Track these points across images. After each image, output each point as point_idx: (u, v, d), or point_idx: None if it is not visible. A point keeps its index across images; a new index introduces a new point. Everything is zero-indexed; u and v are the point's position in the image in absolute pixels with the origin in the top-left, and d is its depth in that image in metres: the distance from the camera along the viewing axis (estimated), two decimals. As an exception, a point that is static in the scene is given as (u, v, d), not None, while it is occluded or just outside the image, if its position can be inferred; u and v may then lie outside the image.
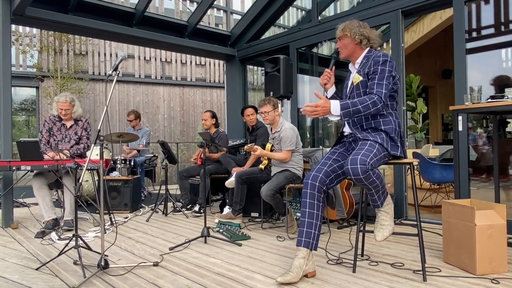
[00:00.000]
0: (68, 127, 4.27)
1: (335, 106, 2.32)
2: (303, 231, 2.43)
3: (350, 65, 2.71)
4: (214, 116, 5.21)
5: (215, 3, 6.29)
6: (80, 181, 2.77)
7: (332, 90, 2.69)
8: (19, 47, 8.10)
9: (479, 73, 4.15)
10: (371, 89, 2.43)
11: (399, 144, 2.49)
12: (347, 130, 2.65)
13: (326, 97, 2.66)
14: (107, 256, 2.78)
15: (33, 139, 3.90)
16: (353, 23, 2.59)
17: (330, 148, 2.75)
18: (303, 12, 6.54)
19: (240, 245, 3.29)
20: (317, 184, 2.44)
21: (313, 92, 6.15)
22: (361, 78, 2.52)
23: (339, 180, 2.58)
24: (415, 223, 2.50)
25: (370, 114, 2.39)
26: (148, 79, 9.42)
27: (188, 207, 4.99)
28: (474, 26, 4.14)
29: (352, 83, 2.59)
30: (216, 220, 4.12)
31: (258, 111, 4.16)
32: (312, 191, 2.44)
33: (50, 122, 4.27)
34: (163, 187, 4.88)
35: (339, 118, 2.34)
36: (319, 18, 5.34)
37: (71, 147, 4.21)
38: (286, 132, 3.83)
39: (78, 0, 4.78)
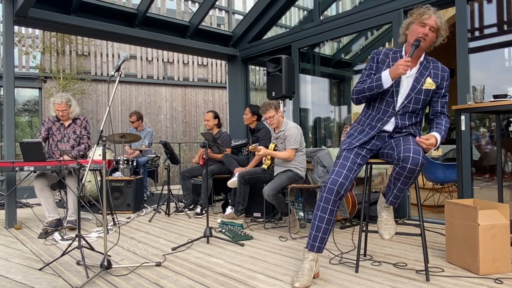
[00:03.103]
0: (66, 126, 4.30)
1: (439, 140, 2.38)
2: (318, 236, 2.38)
3: (402, 55, 2.50)
4: (216, 116, 5.22)
5: (217, 3, 6.30)
6: (83, 181, 2.77)
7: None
8: (21, 48, 8.13)
9: (482, 72, 4.13)
10: (443, 108, 2.52)
11: None
12: (389, 128, 2.46)
13: (381, 86, 2.37)
14: (110, 256, 2.79)
15: (36, 139, 3.91)
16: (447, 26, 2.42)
17: (346, 138, 2.56)
18: (305, 12, 6.53)
19: (242, 245, 3.29)
20: (342, 192, 2.36)
21: (315, 91, 6.16)
22: (434, 86, 2.44)
23: None
24: (418, 223, 2.49)
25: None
26: (150, 79, 9.44)
27: (191, 207, 5.00)
28: (476, 25, 4.13)
29: (422, 84, 2.43)
30: (219, 220, 4.12)
31: (263, 118, 4.15)
32: (335, 198, 2.35)
33: (49, 122, 4.30)
34: (166, 187, 4.89)
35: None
36: (321, 18, 5.33)
37: (72, 147, 4.22)
38: (291, 130, 3.83)
39: (80, 1, 4.79)
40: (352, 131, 2.59)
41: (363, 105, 2.63)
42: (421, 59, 2.46)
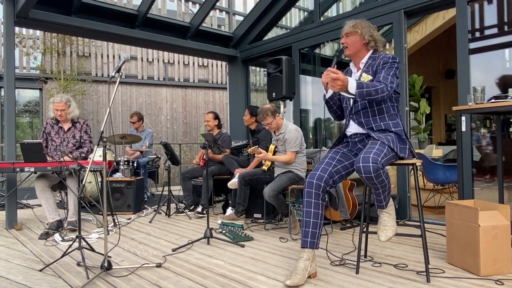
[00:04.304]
0: (66, 130, 4.24)
1: (352, 83, 2.24)
2: (308, 231, 2.41)
3: (352, 65, 2.71)
4: (216, 117, 5.22)
5: (217, 4, 6.31)
6: (83, 182, 2.78)
7: (331, 90, 2.62)
8: (22, 49, 8.14)
9: (482, 73, 4.13)
10: (378, 80, 2.42)
11: (407, 146, 2.49)
12: (352, 130, 2.62)
13: (324, 96, 2.66)
14: (110, 257, 2.78)
15: (36, 140, 3.91)
16: (364, 22, 2.58)
17: (331, 147, 2.73)
18: (306, 13, 6.54)
19: (243, 246, 3.29)
20: (322, 184, 2.42)
21: (315, 92, 6.16)
22: (370, 77, 2.52)
23: (341, 180, 2.60)
24: (419, 224, 2.49)
25: (376, 99, 2.36)
26: (150, 80, 9.44)
27: (191, 208, 4.99)
28: (477, 26, 4.12)
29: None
30: (219, 221, 4.12)
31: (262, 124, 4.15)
32: (317, 191, 2.42)
33: (48, 126, 4.24)
34: (166, 188, 4.89)
35: (353, 96, 2.28)
36: (322, 18, 5.33)
37: (71, 152, 4.19)
38: (291, 133, 3.83)
39: (81, 2, 4.79)
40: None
41: None
42: (364, 60, 2.59)
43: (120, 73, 2.70)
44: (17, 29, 7.22)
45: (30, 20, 4.52)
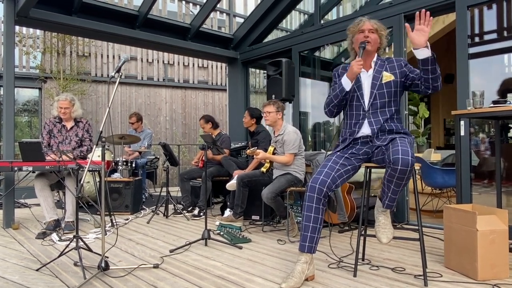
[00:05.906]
0: (68, 128, 4.26)
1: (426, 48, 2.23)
2: (307, 236, 2.40)
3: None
4: (208, 120, 5.19)
5: (218, 6, 6.32)
6: (81, 182, 2.77)
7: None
8: (22, 48, 8.14)
9: (481, 78, 4.14)
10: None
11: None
12: (365, 132, 2.55)
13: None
14: (107, 257, 2.78)
15: (35, 139, 3.90)
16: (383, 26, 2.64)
17: (333, 149, 2.69)
18: (306, 15, 6.55)
19: (240, 248, 3.28)
20: (324, 189, 2.40)
21: (315, 95, 6.17)
22: (393, 77, 2.54)
23: (342, 184, 2.59)
24: (417, 227, 2.49)
25: (436, 79, 2.30)
26: (150, 81, 9.44)
27: (189, 209, 4.99)
28: (477, 31, 4.14)
29: (380, 80, 2.53)
30: (217, 223, 4.12)
31: (262, 112, 4.15)
32: (318, 195, 2.40)
33: (50, 124, 4.26)
34: (164, 189, 4.88)
35: (424, 56, 2.24)
36: (322, 22, 5.35)
37: (73, 149, 4.21)
38: (290, 135, 3.83)
39: (82, 2, 4.80)
40: (338, 143, 2.72)
41: None
42: (374, 59, 2.61)
43: (120, 73, 2.70)
44: (17, 28, 7.22)
45: (31, 19, 4.52)
